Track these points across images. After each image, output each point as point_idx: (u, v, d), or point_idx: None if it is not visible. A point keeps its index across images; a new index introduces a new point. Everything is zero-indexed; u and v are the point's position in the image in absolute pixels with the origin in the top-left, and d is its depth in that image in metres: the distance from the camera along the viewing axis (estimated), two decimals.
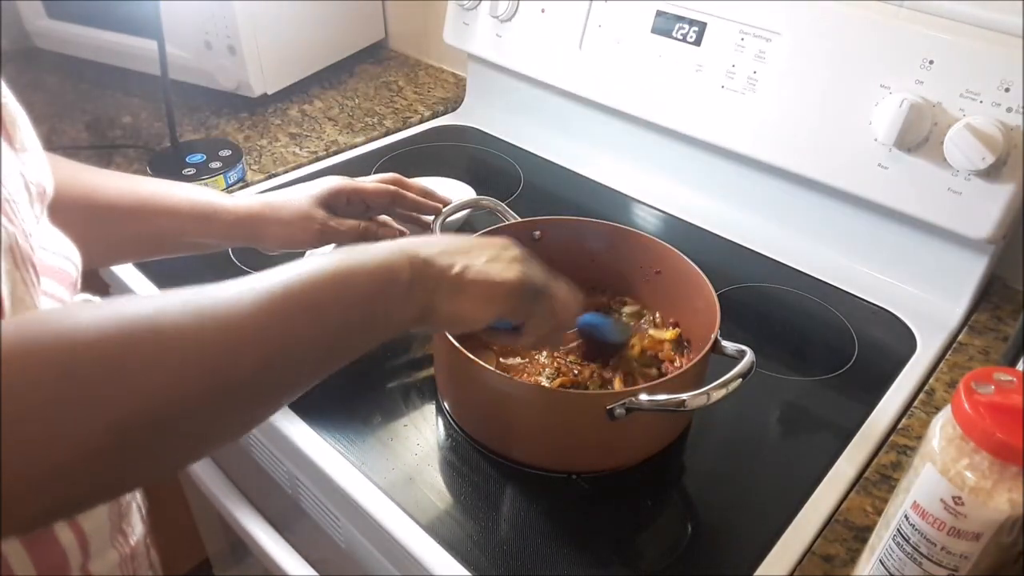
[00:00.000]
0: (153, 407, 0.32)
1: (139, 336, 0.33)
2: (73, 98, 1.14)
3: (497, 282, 0.49)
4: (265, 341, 0.37)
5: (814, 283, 0.83)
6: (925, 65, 0.71)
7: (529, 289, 0.51)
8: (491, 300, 0.49)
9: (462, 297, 0.48)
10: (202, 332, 0.35)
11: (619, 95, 0.93)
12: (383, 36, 1.35)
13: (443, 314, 0.47)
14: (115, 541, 0.48)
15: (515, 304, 0.50)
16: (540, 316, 0.52)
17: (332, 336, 0.42)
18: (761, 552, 0.54)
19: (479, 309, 0.48)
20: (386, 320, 0.45)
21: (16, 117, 0.43)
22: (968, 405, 0.39)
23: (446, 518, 0.56)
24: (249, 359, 0.36)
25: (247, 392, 0.37)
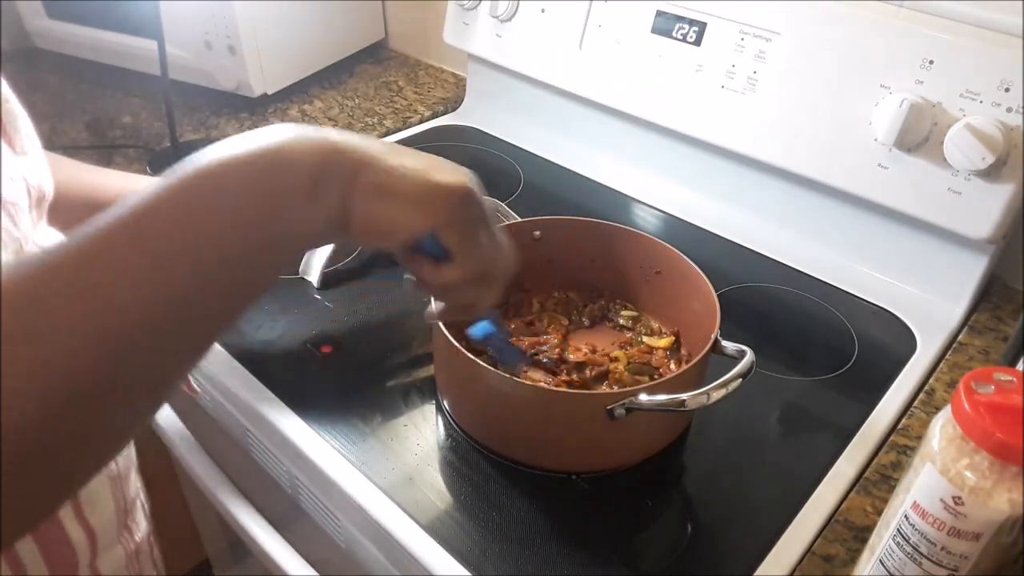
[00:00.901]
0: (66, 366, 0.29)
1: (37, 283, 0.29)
2: (73, 98, 1.14)
3: (438, 182, 0.38)
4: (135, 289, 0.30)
5: (814, 283, 0.83)
6: (925, 65, 0.71)
7: (475, 199, 0.40)
8: (427, 202, 0.38)
9: (389, 195, 0.37)
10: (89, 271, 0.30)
11: (619, 95, 0.93)
12: (383, 36, 1.35)
13: (362, 216, 0.37)
14: (121, 537, 0.48)
15: (455, 214, 0.39)
16: (478, 243, 0.41)
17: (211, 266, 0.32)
18: (761, 552, 0.54)
19: (409, 215, 0.37)
20: (282, 230, 0.35)
21: (18, 119, 0.43)
22: (968, 405, 0.39)
23: (446, 518, 0.56)
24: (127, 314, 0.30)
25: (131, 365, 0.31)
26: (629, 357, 0.66)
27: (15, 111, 0.43)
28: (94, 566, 0.45)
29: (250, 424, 0.68)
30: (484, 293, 0.46)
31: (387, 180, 0.37)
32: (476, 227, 0.41)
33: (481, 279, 0.43)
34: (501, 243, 0.44)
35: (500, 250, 0.44)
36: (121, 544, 0.48)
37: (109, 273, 0.30)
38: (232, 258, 0.33)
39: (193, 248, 0.32)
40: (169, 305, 0.31)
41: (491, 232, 0.43)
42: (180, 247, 0.31)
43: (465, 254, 0.41)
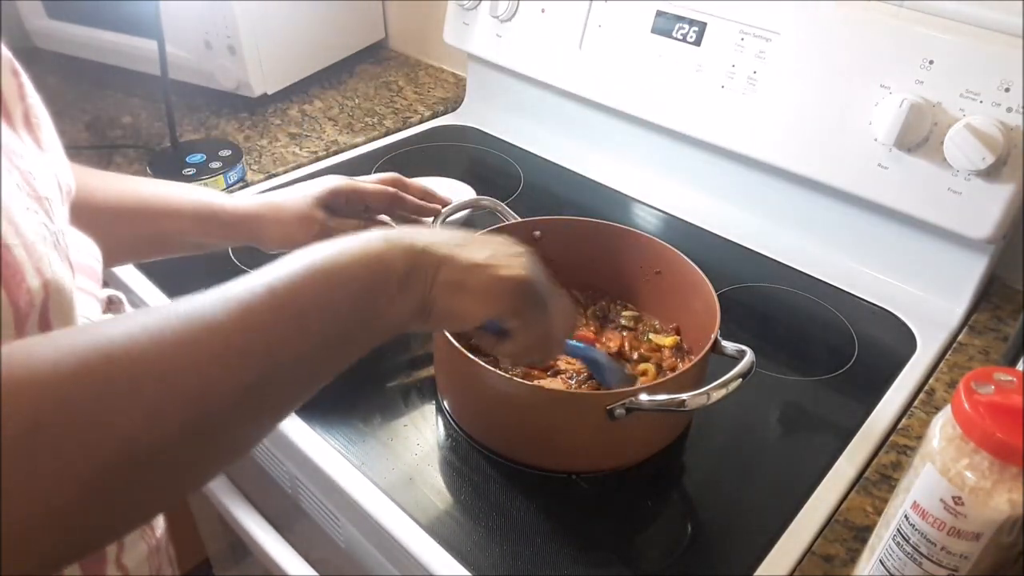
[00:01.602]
0: (127, 450, 0.29)
1: (103, 373, 0.30)
2: (73, 98, 1.14)
3: (502, 277, 0.45)
4: (246, 360, 0.34)
5: (814, 283, 0.83)
6: (925, 65, 0.71)
7: (533, 289, 0.47)
8: (493, 296, 0.45)
9: (463, 291, 0.43)
10: (174, 359, 0.32)
11: (619, 95, 0.93)
12: (383, 36, 1.35)
13: (441, 308, 0.43)
14: (144, 533, 0.48)
15: (516, 304, 0.46)
16: (535, 323, 0.48)
17: (320, 344, 0.38)
18: (761, 552, 0.54)
19: (479, 304, 0.44)
20: (379, 320, 0.41)
21: (41, 118, 0.43)
22: (968, 405, 0.39)
23: (446, 518, 0.56)
24: (229, 382, 0.33)
25: (231, 418, 0.34)
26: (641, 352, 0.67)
27: (38, 110, 0.43)
28: (120, 562, 0.45)
29: None
30: (543, 355, 0.54)
31: (461, 277, 0.44)
32: (533, 311, 0.48)
33: (538, 347, 0.51)
34: (557, 317, 0.50)
35: (556, 324, 0.50)
36: (144, 540, 0.48)
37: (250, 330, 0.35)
38: (336, 338, 0.39)
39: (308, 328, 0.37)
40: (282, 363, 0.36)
41: (547, 311, 0.49)
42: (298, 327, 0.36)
43: (522, 334, 0.49)
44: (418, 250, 0.42)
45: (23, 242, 0.34)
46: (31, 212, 0.36)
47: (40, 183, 0.38)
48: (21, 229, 0.34)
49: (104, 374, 0.30)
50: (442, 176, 0.94)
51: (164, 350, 0.31)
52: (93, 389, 0.29)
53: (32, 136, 0.42)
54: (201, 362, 0.32)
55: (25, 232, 0.34)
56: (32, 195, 0.37)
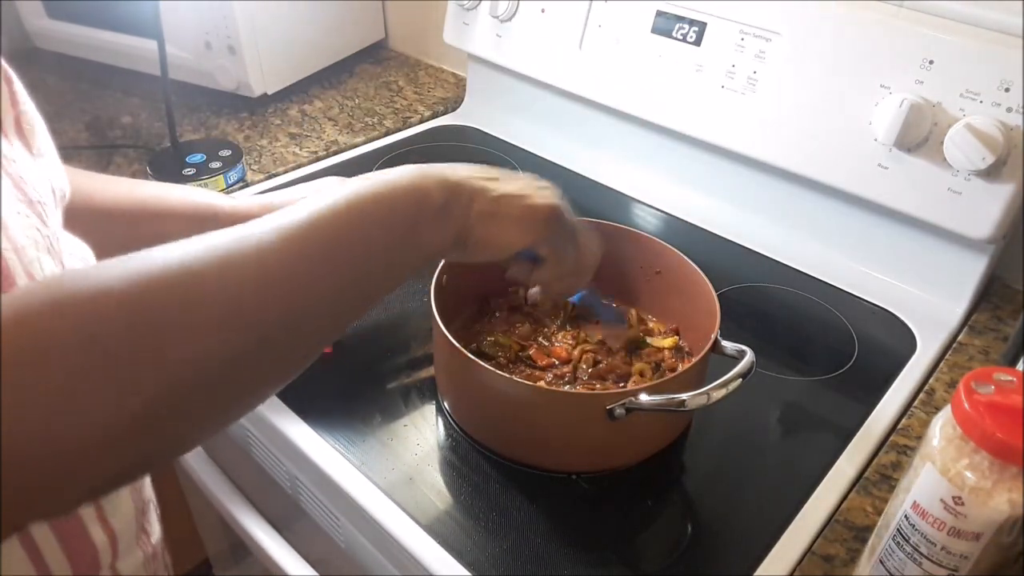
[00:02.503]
0: (186, 364, 0.31)
1: (165, 289, 0.31)
2: (73, 98, 1.14)
3: (536, 205, 0.47)
4: (297, 279, 0.36)
5: (814, 283, 0.83)
6: (925, 65, 0.71)
7: (564, 217, 0.49)
8: (528, 224, 0.47)
9: (497, 220, 0.46)
10: (231, 277, 0.33)
11: (619, 95, 0.93)
12: (383, 36, 1.35)
13: (477, 238, 0.46)
14: (140, 540, 0.48)
15: (551, 231, 0.49)
16: (567, 252, 0.51)
17: (366, 267, 0.40)
18: (761, 552, 0.54)
19: (514, 233, 0.47)
20: (419, 245, 0.43)
21: (35, 123, 0.43)
22: (968, 405, 0.39)
23: (446, 518, 0.56)
24: (283, 299, 0.35)
25: (282, 338, 0.36)
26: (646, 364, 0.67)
27: (32, 115, 0.43)
28: (115, 568, 0.45)
29: (250, 425, 0.68)
30: (573, 283, 0.57)
31: (495, 207, 0.46)
32: (564, 238, 0.50)
33: (569, 275, 0.54)
34: (586, 244, 0.54)
35: (585, 250, 0.54)
36: (139, 547, 0.48)
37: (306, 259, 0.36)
38: (380, 262, 0.41)
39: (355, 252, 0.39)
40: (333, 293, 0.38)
41: (576, 239, 0.52)
42: (347, 251, 0.38)
43: (555, 260, 0.51)
44: (453, 182, 0.44)
45: (14, 247, 0.34)
46: (23, 216, 0.36)
47: (32, 188, 0.38)
48: (11, 234, 0.34)
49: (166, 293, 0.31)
50: None
51: (221, 271, 0.33)
52: (154, 306, 0.30)
53: (24, 142, 0.42)
54: (257, 283, 0.34)
55: (15, 237, 0.34)
56: (24, 200, 0.37)
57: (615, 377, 0.64)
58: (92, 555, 0.43)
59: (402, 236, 0.42)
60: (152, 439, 0.31)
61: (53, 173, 0.43)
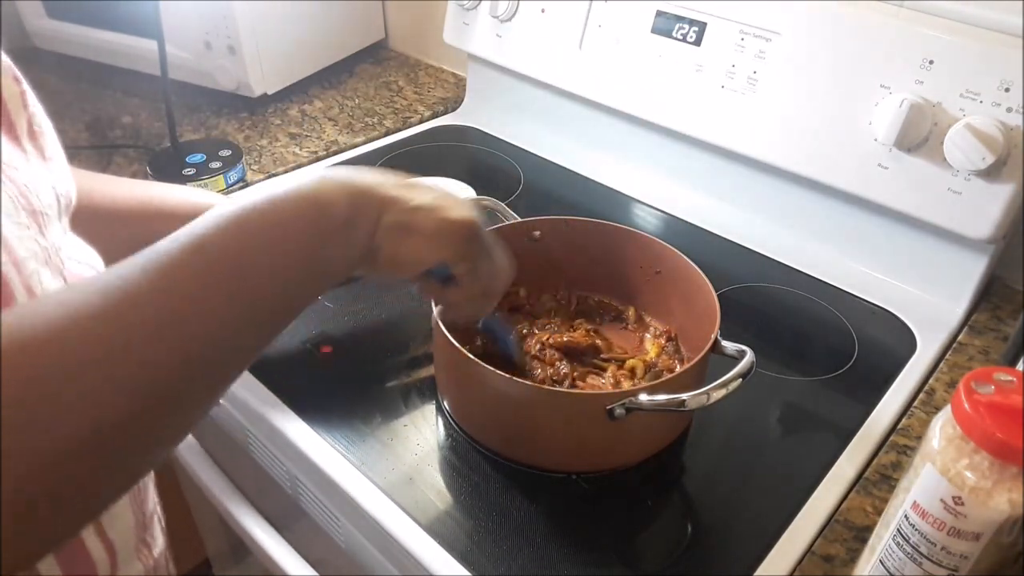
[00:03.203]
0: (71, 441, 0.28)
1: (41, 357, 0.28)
2: (73, 98, 1.14)
3: (452, 220, 0.43)
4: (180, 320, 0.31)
5: (814, 283, 0.83)
6: (925, 65, 0.71)
7: (481, 233, 0.46)
8: (442, 239, 0.43)
9: (410, 234, 0.41)
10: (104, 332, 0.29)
11: (619, 95, 0.93)
12: (383, 36, 1.35)
13: (387, 253, 0.41)
14: (140, 553, 0.48)
15: (465, 248, 0.45)
16: (481, 270, 0.47)
17: (263, 294, 0.35)
18: (761, 552, 0.54)
19: (427, 248, 0.43)
20: (321, 265, 0.38)
21: (43, 126, 0.43)
22: (968, 405, 0.39)
23: (446, 518, 0.56)
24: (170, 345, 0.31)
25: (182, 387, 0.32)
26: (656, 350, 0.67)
27: (41, 119, 0.43)
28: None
29: (250, 424, 0.68)
30: (483, 307, 0.53)
31: (407, 219, 0.41)
32: (479, 257, 0.47)
33: (481, 297, 0.50)
34: (500, 265, 0.50)
35: (498, 272, 0.50)
36: (140, 560, 0.47)
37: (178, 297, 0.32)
38: (277, 289, 0.36)
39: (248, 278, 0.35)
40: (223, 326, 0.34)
41: (491, 258, 0.48)
42: (234, 283, 0.34)
43: (468, 279, 0.47)
44: (359, 189, 0.40)
45: (13, 260, 0.34)
46: (23, 227, 0.36)
47: (36, 197, 0.38)
48: (11, 246, 0.34)
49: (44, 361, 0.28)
50: (442, 176, 0.94)
51: (84, 331, 0.29)
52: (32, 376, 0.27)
53: (35, 145, 0.41)
54: (131, 338, 0.30)
55: (15, 250, 0.34)
56: (27, 209, 0.37)
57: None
58: (89, 567, 0.42)
59: (298, 256, 0.37)
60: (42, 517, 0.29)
61: (60, 178, 0.43)
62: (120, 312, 0.30)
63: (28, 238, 0.36)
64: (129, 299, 0.31)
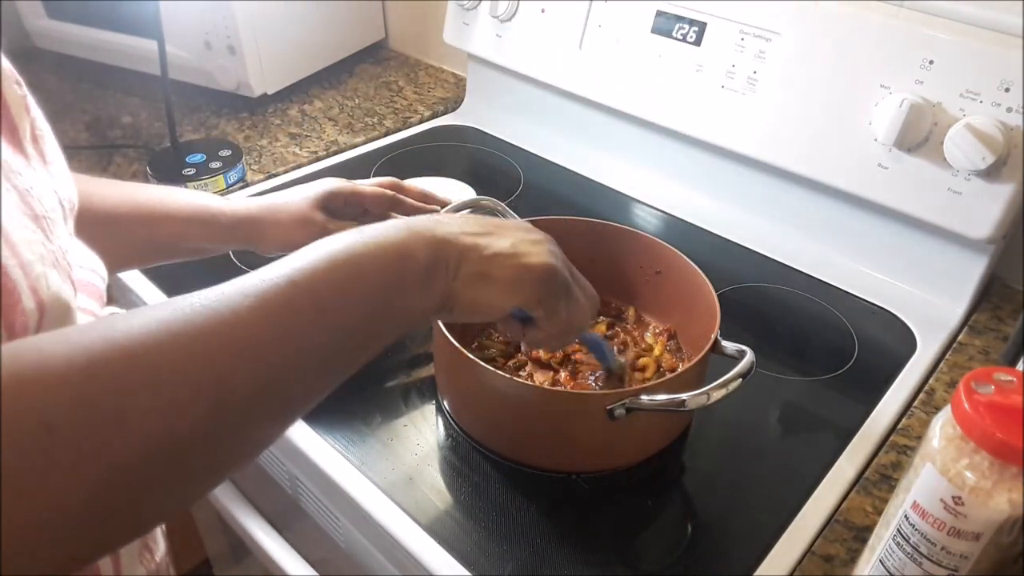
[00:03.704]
0: (143, 448, 0.28)
1: (118, 368, 0.29)
2: (73, 98, 1.14)
3: (527, 265, 0.44)
4: (263, 352, 0.33)
5: (814, 283, 0.83)
6: (925, 65, 0.71)
7: (559, 276, 0.46)
8: (519, 286, 0.44)
9: (487, 282, 0.43)
10: (190, 352, 0.31)
11: (619, 95, 0.93)
12: (383, 36, 1.35)
13: (465, 301, 0.42)
14: (143, 558, 0.48)
15: (543, 292, 0.45)
16: (561, 311, 0.47)
17: (341, 337, 0.37)
18: (761, 552, 0.54)
19: (505, 295, 0.43)
20: (401, 312, 0.40)
21: (43, 131, 0.43)
22: (968, 405, 0.39)
23: (446, 518, 0.56)
24: (247, 376, 0.32)
25: (249, 413, 0.33)
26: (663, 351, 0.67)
27: (40, 123, 0.43)
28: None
29: None
30: (564, 343, 0.54)
31: (485, 268, 0.43)
32: (558, 299, 0.47)
33: (562, 334, 0.50)
34: (579, 303, 0.50)
35: (578, 310, 0.49)
36: (143, 564, 0.48)
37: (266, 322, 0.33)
38: (356, 331, 0.38)
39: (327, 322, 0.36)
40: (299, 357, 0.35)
41: (571, 298, 0.48)
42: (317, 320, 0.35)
43: (548, 322, 0.48)
44: (440, 240, 0.41)
45: (20, 262, 0.33)
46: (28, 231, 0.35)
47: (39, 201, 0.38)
48: (18, 249, 0.34)
49: (119, 370, 0.29)
50: (442, 176, 0.94)
51: (181, 343, 0.30)
52: (108, 385, 0.28)
53: (37, 150, 0.41)
54: (219, 355, 0.31)
55: (22, 252, 0.34)
56: (29, 214, 0.36)
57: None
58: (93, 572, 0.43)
59: (377, 304, 0.38)
60: (107, 524, 0.29)
61: (61, 182, 0.43)
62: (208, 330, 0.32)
63: (35, 241, 0.35)
64: (220, 319, 0.32)
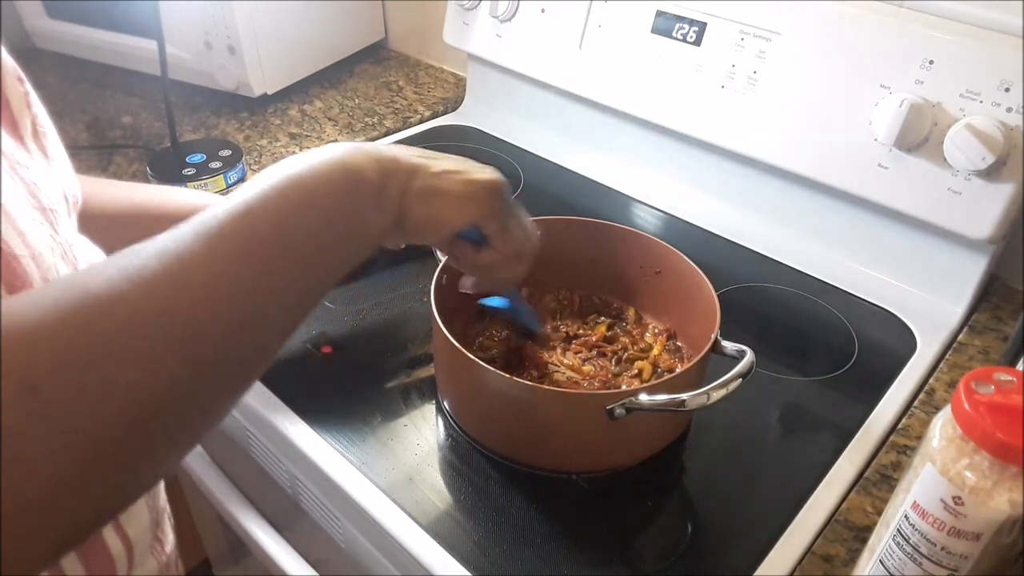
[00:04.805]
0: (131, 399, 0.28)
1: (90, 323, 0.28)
2: (73, 98, 1.14)
3: (477, 180, 0.45)
4: (231, 288, 0.33)
5: (814, 283, 0.83)
6: (925, 65, 0.71)
7: (506, 192, 0.47)
8: (470, 199, 0.44)
9: (439, 196, 0.43)
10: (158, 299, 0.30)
11: (619, 95, 0.93)
12: (383, 36, 1.35)
13: (418, 217, 0.43)
14: (154, 549, 0.48)
15: (494, 205, 0.46)
16: (512, 229, 0.48)
17: (305, 261, 0.37)
18: (761, 552, 0.54)
19: (458, 208, 0.44)
20: (358, 229, 0.40)
21: (46, 127, 0.43)
22: (968, 405, 0.39)
23: (446, 518, 0.56)
24: (221, 313, 0.32)
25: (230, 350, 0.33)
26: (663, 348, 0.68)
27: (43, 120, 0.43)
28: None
29: (250, 424, 0.68)
30: (516, 269, 0.53)
31: (435, 183, 0.43)
32: (508, 215, 0.48)
33: (514, 258, 0.50)
34: (527, 226, 0.51)
35: (528, 232, 0.51)
36: (154, 555, 0.48)
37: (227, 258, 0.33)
38: (318, 251, 0.37)
39: (290, 244, 0.36)
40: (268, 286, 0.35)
41: (519, 218, 0.50)
42: (279, 243, 0.35)
43: (501, 239, 0.48)
44: (387, 158, 0.42)
45: (31, 253, 0.34)
46: (36, 223, 0.36)
47: (45, 194, 0.38)
48: (29, 240, 0.34)
49: (91, 324, 0.28)
50: None
51: (145, 291, 0.30)
52: (83, 340, 0.28)
53: (39, 146, 0.41)
54: (188, 298, 0.31)
55: (33, 243, 0.34)
56: (37, 207, 0.37)
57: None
58: (108, 563, 0.43)
59: (335, 219, 0.38)
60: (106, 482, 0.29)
61: (65, 178, 0.43)
62: (174, 272, 0.31)
63: (44, 234, 0.36)
64: (182, 260, 0.32)
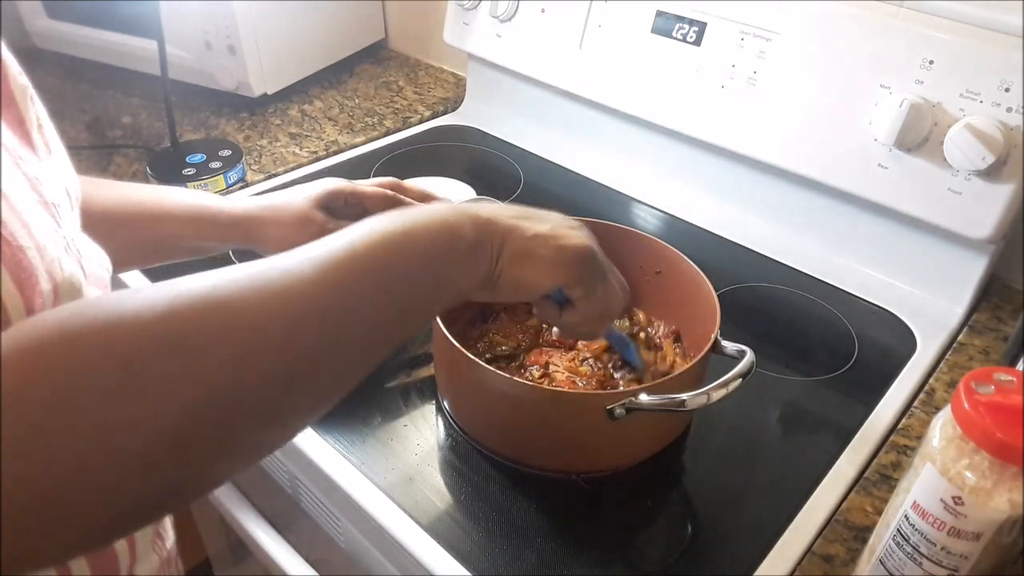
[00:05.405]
0: (215, 395, 0.30)
1: (196, 315, 0.31)
2: (73, 98, 1.14)
3: (568, 246, 0.47)
4: (328, 311, 0.35)
5: (814, 283, 0.83)
6: (925, 65, 0.71)
7: (596, 258, 0.49)
8: (560, 265, 0.46)
9: (529, 260, 0.45)
10: (262, 306, 0.33)
11: (619, 95, 0.93)
12: (383, 36, 1.35)
13: (508, 278, 0.45)
14: (155, 545, 0.48)
15: (583, 272, 0.48)
16: (597, 295, 0.50)
17: (394, 306, 0.39)
18: (761, 552, 0.54)
19: (545, 274, 0.46)
20: (449, 284, 0.42)
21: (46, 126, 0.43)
22: (968, 405, 0.39)
23: (446, 518, 0.56)
24: (316, 335, 0.34)
25: (315, 371, 0.35)
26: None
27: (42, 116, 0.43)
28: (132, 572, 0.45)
29: None
30: (597, 328, 0.55)
31: (528, 246, 0.45)
32: (595, 281, 0.49)
33: (596, 319, 0.52)
34: (615, 289, 0.52)
35: (614, 295, 0.52)
36: (155, 551, 0.48)
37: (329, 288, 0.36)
38: (408, 297, 0.40)
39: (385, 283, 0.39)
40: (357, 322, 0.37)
41: (607, 282, 0.51)
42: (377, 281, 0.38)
43: (585, 302, 0.50)
44: (484, 220, 0.44)
45: (36, 244, 0.34)
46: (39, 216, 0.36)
47: (47, 189, 0.38)
48: (34, 232, 0.34)
49: (198, 319, 0.31)
50: (442, 176, 0.94)
51: (252, 299, 0.33)
52: (185, 331, 0.30)
53: (43, 140, 0.42)
54: (289, 313, 0.34)
55: (38, 235, 0.34)
56: (40, 201, 0.37)
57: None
58: (112, 559, 0.43)
59: (434, 273, 0.41)
60: (183, 467, 0.31)
61: (65, 174, 0.44)
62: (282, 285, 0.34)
63: (48, 228, 0.36)
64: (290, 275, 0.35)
